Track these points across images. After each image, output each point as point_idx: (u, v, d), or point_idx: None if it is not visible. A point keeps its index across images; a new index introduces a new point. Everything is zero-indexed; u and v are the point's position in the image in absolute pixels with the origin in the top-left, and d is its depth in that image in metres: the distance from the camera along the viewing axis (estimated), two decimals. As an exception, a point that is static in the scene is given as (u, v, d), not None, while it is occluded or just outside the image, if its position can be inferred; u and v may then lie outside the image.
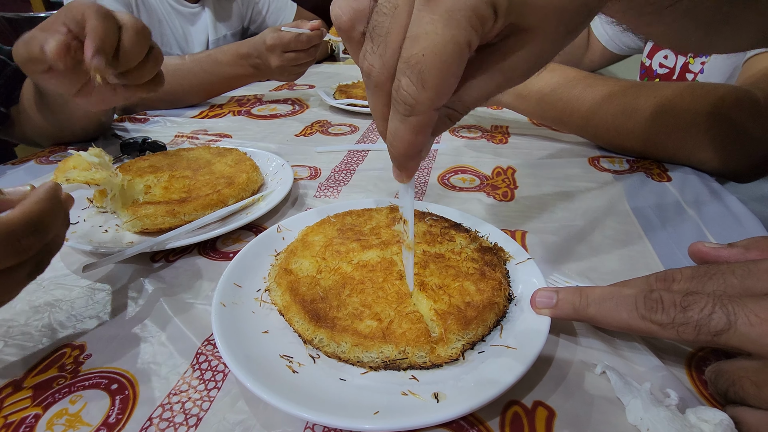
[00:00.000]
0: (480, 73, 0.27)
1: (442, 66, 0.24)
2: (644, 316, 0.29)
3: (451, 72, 0.24)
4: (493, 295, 0.35)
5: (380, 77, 0.26)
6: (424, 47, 0.23)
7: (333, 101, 0.95)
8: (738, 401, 0.27)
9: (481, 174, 0.65)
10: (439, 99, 0.25)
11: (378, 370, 0.32)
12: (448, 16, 0.22)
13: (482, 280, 0.37)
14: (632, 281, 0.35)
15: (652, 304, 0.29)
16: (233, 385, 0.32)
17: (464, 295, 0.35)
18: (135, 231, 0.50)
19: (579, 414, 0.30)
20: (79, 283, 0.44)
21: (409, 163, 0.30)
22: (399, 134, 0.27)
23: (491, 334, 0.34)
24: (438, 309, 0.33)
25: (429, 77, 0.24)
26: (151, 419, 0.30)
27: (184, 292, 0.42)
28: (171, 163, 0.60)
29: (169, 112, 0.98)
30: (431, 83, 0.24)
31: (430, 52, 0.23)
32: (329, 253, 0.40)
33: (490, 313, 0.34)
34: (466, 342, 0.33)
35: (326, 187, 0.62)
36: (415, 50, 0.23)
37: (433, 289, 0.35)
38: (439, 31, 0.23)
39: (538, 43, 0.26)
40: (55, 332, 0.38)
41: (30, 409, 0.31)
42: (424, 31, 0.23)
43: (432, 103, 0.25)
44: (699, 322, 0.27)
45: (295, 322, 0.35)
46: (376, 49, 0.25)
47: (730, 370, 0.28)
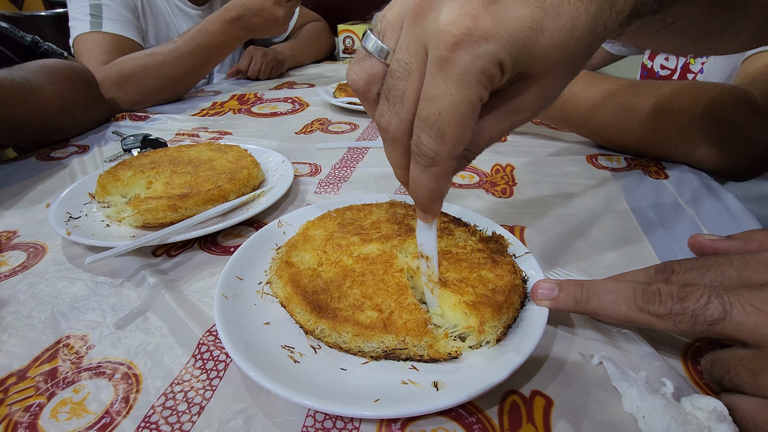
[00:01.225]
0: (492, 117, 0.29)
1: (458, 122, 0.26)
2: (642, 308, 0.29)
3: (466, 125, 0.27)
4: (513, 278, 0.36)
5: (397, 133, 0.29)
6: (441, 107, 0.26)
7: (333, 99, 0.95)
8: (733, 389, 0.28)
9: (480, 171, 0.65)
10: (457, 149, 0.28)
11: (379, 359, 0.32)
12: (461, 80, 0.25)
13: (496, 266, 0.37)
14: (632, 273, 0.36)
15: (650, 296, 0.29)
16: (235, 374, 0.33)
17: (486, 283, 0.35)
18: (137, 225, 0.50)
19: (576, 403, 0.30)
20: (81, 277, 0.44)
21: (433, 206, 0.32)
22: (422, 183, 0.30)
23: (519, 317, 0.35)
24: (468, 301, 0.33)
25: (448, 133, 0.27)
26: (154, 408, 0.30)
27: (186, 285, 0.43)
28: (172, 160, 0.60)
29: (170, 110, 0.99)
30: (450, 138, 0.27)
31: (447, 111, 0.26)
32: (330, 247, 0.40)
33: (515, 295, 0.35)
34: (503, 326, 0.33)
35: (326, 184, 0.62)
36: (432, 110, 0.26)
37: (455, 284, 0.35)
38: (453, 93, 0.25)
39: (544, 86, 0.28)
40: (58, 323, 0.38)
41: (34, 398, 0.31)
42: (440, 92, 0.25)
43: (451, 153, 0.28)
44: (695, 312, 0.27)
45: (296, 314, 0.35)
46: (393, 108, 0.28)
47: (726, 359, 0.28)
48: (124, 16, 1.07)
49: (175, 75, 1.00)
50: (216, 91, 1.15)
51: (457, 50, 0.25)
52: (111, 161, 0.72)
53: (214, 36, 0.99)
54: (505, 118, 0.30)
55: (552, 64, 0.27)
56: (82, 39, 1.04)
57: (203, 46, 1.00)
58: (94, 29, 1.03)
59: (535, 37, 0.25)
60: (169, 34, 1.23)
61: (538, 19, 0.25)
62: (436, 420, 0.29)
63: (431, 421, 0.29)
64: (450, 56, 0.25)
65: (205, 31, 0.99)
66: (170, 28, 1.23)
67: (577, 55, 0.27)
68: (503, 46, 0.25)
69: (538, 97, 0.29)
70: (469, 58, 0.25)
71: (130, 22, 1.09)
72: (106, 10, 1.04)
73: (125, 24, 1.07)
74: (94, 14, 1.03)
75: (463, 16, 0.24)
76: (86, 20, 1.03)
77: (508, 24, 0.24)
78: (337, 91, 1.01)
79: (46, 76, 0.75)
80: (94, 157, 0.75)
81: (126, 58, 0.99)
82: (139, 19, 1.13)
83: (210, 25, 0.99)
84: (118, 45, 1.03)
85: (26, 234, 0.52)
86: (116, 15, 1.06)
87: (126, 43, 1.06)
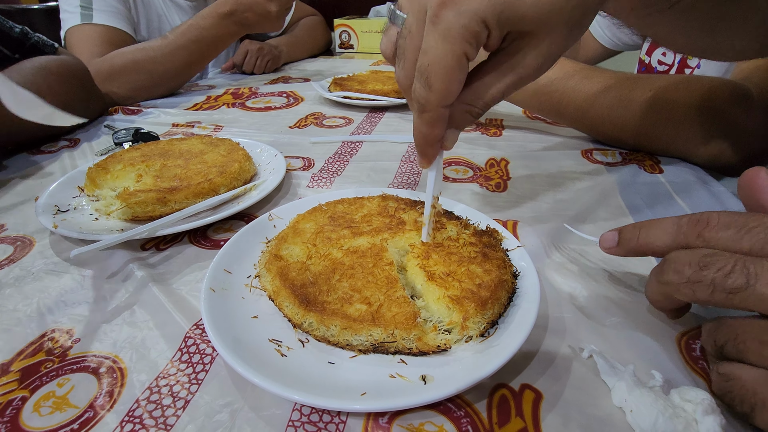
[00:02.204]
0: (493, 73, 0.33)
1: (443, 72, 0.30)
2: (661, 281, 0.29)
3: (451, 77, 0.31)
4: (501, 273, 0.35)
5: (404, 85, 0.34)
6: (429, 59, 0.30)
7: (328, 94, 0.95)
8: (733, 357, 0.26)
9: (474, 165, 0.65)
10: (445, 99, 0.32)
11: (367, 353, 0.32)
12: (445, 34, 0.29)
13: (486, 261, 0.37)
14: (663, 221, 0.32)
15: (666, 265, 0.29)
16: (221, 368, 0.32)
17: (473, 277, 0.35)
18: (126, 219, 0.49)
19: (566, 396, 0.30)
20: (68, 270, 0.43)
21: (427, 150, 0.37)
22: (417, 127, 0.35)
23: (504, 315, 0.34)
24: (452, 295, 0.33)
25: (434, 82, 0.31)
26: (139, 402, 0.30)
27: (174, 278, 0.42)
28: (163, 153, 0.60)
29: (163, 104, 0.98)
30: (436, 87, 0.31)
31: (434, 62, 0.30)
32: (320, 240, 0.40)
33: (501, 290, 0.34)
34: (486, 322, 0.33)
35: (319, 178, 0.62)
36: (423, 61, 0.30)
37: (442, 277, 0.35)
38: (439, 46, 0.29)
39: (541, 43, 0.31)
40: (43, 317, 0.37)
41: (17, 392, 0.31)
42: (429, 46, 0.30)
43: (438, 102, 0.32)
44: (714, 280, 0.26)
45: (284, 307, 0.35)
46: (400, 63, 0.33)
47: (735, 325, 0.27)
48: (114, 7, 1.06)
49: (167, 71, 0.99)
50: (210, 85, 1.15)
51: (444, 8, 0.29)
52: (102, 155, 0.71)
53: (206, 31, 0.97)
54: (505, 75, 0.32)
55: (544, 21, 0.29)
56: (73, 32, 1.02)
57: (195, 41, 0.98)
58: (85, 21, 1.01)
59: None
60: (161, 26, 1.21)
61: None
62: (424, 414, 0.29)
63: (419, 415, 0.29)
64: (438, 13, 0.29)
65: (198, 26, 0.97)
66: (162, 20, 1.22)
67: (569, 11, 0.29)
68: (485, 5, 0.28)
69: (538, 54, 0.31)
70: (453, 15, 0.29)
71: (121, 13, 1.07)
72: (96, 2, 1.03)
73: (116, 15, 1.05)
74: (84, 6, 1.02)
75: None
76: (77, 12, 1.01)
77: None
78: (332, 86, 1.00)
79: (43, 79, 0.74)
80: (85, 152, 0.74)
81: (117, 53, 0.97)
82: (130, 11, 1.11)
83: (202, 20, 0.97)
84: (110, 37, 1.02)
85: (13, 228, 0.51)
86: (107, 6, 1.04)
87: (117, 35, 1.04)
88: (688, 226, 0.29)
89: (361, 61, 1.45)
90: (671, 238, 0.30)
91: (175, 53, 0.97)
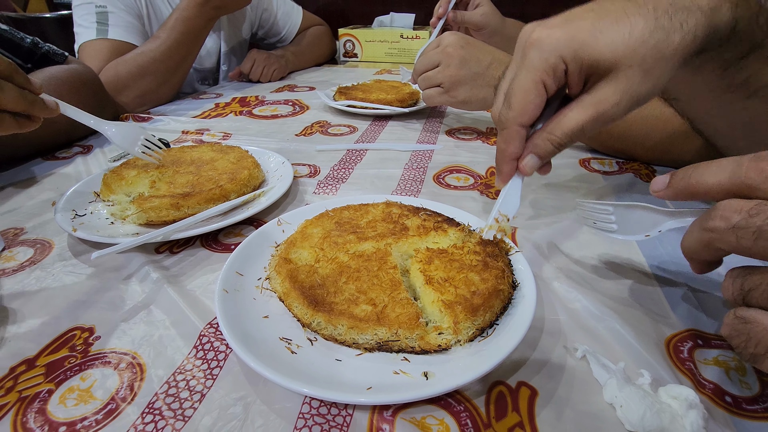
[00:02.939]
0: (574, 107, 0.37)
1: (521, 94, 0.38)
2: (705, 228, 0.29)
3: (527, 99, 0.37)
4: (497, 283, 0.37)
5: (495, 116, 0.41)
6: (513, 85, 0.38)
7: (333, 102, 0.97)
8: (758, 304, 0.26)
9: (475, 173, 0.67)
10: (521, 116, 0.38)
11: (372, 351, 0.34)
12: (528, 66, 0.37)
13: (485, 270, 0.38)
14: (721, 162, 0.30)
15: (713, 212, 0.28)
16: (234, 364, 0.34)
17: (469, 285, 0.36)
18: (140, 223, 0.51)
19: (559, 393, 0.32)
20: (87, 272, 0.46)
21: (502, 167, 0.42)
22: (497, 144, 0.41)
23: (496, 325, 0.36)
24: (445, 300, 0.35)
25: (513, 102, 0.38)
26: (158, 395, 0.32)
27: (187, 280, 0.44)
28: (175, 160, 0.62)
29: (172, 111, 1.01)
30: (514, 106, 0.38)
31: (516, 87, 0.38)
32: (327, 244, 0.42)
33: (495, 299, 0.36)
34: (476, 328, 0.34)
35: (325, 185, 0.64)
36: (509, 87, 0.39)
37: (439, 282, 0.37)
38: (522, 74, 0.37)
39: (617, 81, 0.35)
40: (65, 316, 0.39)
41: (43, 385, 0.33)
42: (515, 76, 0.38)
43: (515, 119, 0.39)
44: (761, 227, 0.26)
45: (294, 307, 0.37)
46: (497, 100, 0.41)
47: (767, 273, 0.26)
48: (129, 22, 1.09)
49: (169, 68, 1.03)
50: (218, 93, 1.17)
51: (530, 48, 0.37)
52: (115, 161, 0.73)
53: (191, 21, 1.03)
54: (586, 109, 0.37)
55: (618, 59, 0.34)
56: (87, 46, 1.06)
57: (185, 33, 1.04)
58: (100, 36, 1.05)
59: (594, 38, 0.35)
60: None
61: (597, 25, 0.35)
62: (426, 408, 0.31)
63: (421, 409, 0.31)
64: (526, 52, 0.37)
65: (183, 19, 1.03)
66: None
67: (642, 54, 0.34)
68: (564, 44, 0.35)
69: (615, 90, 0.35)
70: (536, 52, 0.36)
71: (136, 28, 1.11)
72: (112, 17, 1.06)
73: (130, 30, 1.09)
74: (100, 21, 1.05)
75: (541, 29, 0.37)
76: (92, 27, 1.05)
77: (570, 29, 0.35)
78: (336, 95, 1.02)
79: (55, 88, 0.77)
80: (98, 157, 0.76)
81: (119, 62, 1.01)
82: (144, 26, 1.15)
83: (185, 12, 1.03)
84: (123, 51, 1.05)
85: (32, 231, 0.53)
86: (122, 22, 1.08)
87: (130, 50, 1.07)
88: (749, 162, 0.28)
89: (364, 70, 1.48)
90: (728, 175, 0.28)
91: (172, 49, 1.02)
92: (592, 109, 0.36)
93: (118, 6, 1.08)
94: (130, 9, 1.11)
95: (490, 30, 0.92)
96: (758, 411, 0.31)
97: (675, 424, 0.27)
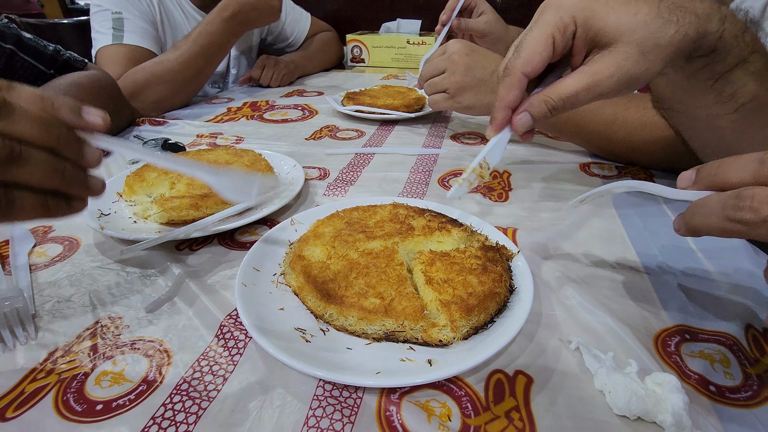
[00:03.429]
0: (572, 75, 0.40)
1: (531, 44, 0.40)
2: (731, 218, 0.28)
3: (535, 49, 0.40)
4: (494, 286, 0.39)
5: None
6: (526, 36, 0.41)
7: (341, 107, 1.00)
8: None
9: (478, 177, 0.69)
10: (526, 65, 0.40)
11: (380, 341, 0.36)
12: (541, 21, 0.40)
13: (484, 273, 0.40)
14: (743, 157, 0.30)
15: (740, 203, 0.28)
16: (253, 351, 0.37)
17: (467, 287, 0.39)
18: (162, 222, 0.55)
19: (554, 381, 0.34)
20: (113, 267, 0.49)
21: (497, 114, 0.43)
22: (498, 92, 0.42)
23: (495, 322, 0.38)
24: (442, 299, 0.37)
25: (522, 50, 0.41)
26: (184, 378, 0.35)
27: (207, 275, 0.47)
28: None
29: (186, 115, 1.04)
30: (522, 53, 0.41)
31: (527, 38, 0.41)
32: (338, 242, 0.45)
33: (491, 302, 0.38)
34: (470, 327, 0.37)
35: (334, 187, 0.67)
36: (520, 39, 0.42)
37: (439, 283, 0.39)
38: (534, 28, 0.41)
39: (614, 55, 0.39)
40: (95, 307, 0.43)
41: (79, 369, 0.36)
42: (529, 29, 0.41)
43: (520, 66, 0.41)
44: None
45: (308, 300, 0.40)
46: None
47: None
48: (143, 28, 1.14)
49: (185, 78, 1.07)
50: (229, 97, 1.21)
51: (547, 8, 0.41)
52: (134, 163, 0.77)
53: (214, 36, 1.06)
54: (582, 77, 0.39)
55: (619, 35, 0.38)
56: (104, 51, 1.11)
57: (206, 46, 1.07)
58: (116, 42, 1.09)
59: (605, 11, 0.39)
60: None
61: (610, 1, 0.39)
62: (430, 393, 0.33)
63: (425, 394, 0.33)
64: (542, 12, 0.41)
65: (206, 33, 1.06)
66: None
67: (642, 35, 0.38)
68: (578, 8, 0.39)
69: (610, 63, 0.39)
70: (553, 10, 0.40)
71: (150, 34, 1.15)
72: (128, 24, 1.11)
73: (145, 36, 1.14)
74: (116, 27, 1.10)
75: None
76: (108, 33, 1.10)
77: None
78: (345, 100, 1.05)
79: (76, 93, 0.81)
80: (117, 159, 0.80)
81: (137, 69, 1.05)
82: (158, 31, 1.20)
83: (209, 26, 1.06)
84: (138, 56, 1.10)
85: (61, 229, 0.57)
86: (137, 28, 1.12)
87: (145, 54, 1.12)
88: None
89: (371, 75, 1.51)
90: (751, 174, 0.28)
91: (190, 61, 1.06)
92: (588, 78, 0.39)
93: (133, 12, 1.13)
94: (145, 15, 1.15)
95: (493, 37, 0.95)
96: (740, 399, 0.33)
97: (658, 407, 0.30)
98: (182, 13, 1.27)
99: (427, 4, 1.82)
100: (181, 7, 1.25)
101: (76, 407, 0.32)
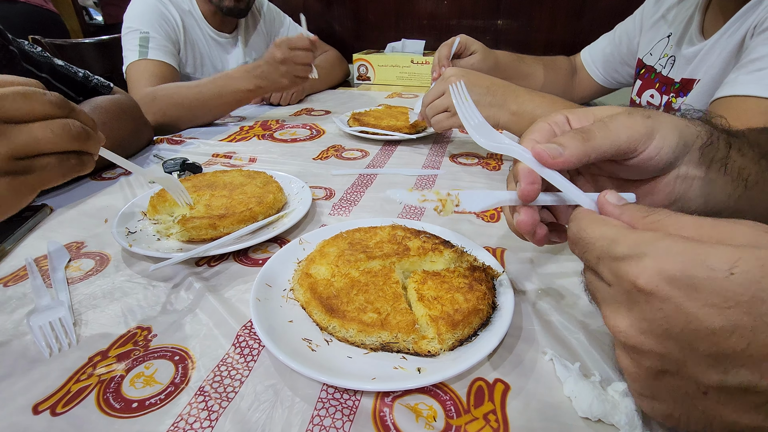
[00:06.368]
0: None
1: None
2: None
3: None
4: (478, 303, 0.44)
5: None
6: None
7: (347, 128, 1.06)
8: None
9: (473, 198, 0.75)
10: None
11: (376, 351, 0.42)
12: None
13: (470, 292, 0.45)
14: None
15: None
16: (265, 359, 0.42)
17: (454, 304, 0.44)
18: (183, 240, 0.61)
19: (528, 388, 0.39)
20: (140, 281, 0.54)
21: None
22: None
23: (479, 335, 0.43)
24: (431, 315, 0.42)
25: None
26: (206, 381, 0.40)
27: (224, 289, 0.53)
28: (210, 184, 0.71)
29: (201, 135, 1.11)
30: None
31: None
32: (341, 262, 0.50)
33: (475, 317, 0.43)
34: (455, 340, 0.42)
35: (339, 207, 0.72)
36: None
37: (429, 300, 0.44)
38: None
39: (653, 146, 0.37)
40: (127, 317, 0.48)
41: (116, 372, 0.41)
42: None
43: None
44: None
45: (313, 314, 0.45)
46: None
47: None
48: (166, 46, 1.30)
49: (195, 116, 1.18)
50: (241, 116, 1.28)
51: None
52: (153, 182, 0.83)
53: (233, 81, 1.15)
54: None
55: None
56: (132, 66, 1.26)
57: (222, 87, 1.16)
58: (142, 57, 1.25)
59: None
60: (204, 62, 1.46)
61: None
62: (419, 397, 0.38)
63: (415, 398, 0.38)
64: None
65: (227, 75, 1.16)
66: (204, 57, 1.46)
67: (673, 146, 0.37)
68: None
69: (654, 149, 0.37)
70: None
71: (171, 52, 1.31)
72: (153, 41, 1.27)
73: (167, 53, 1.29)
74: (142, 45, 1.26)
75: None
76: (136, 50, 1.26)
77: None
78: (350, 120, 1.12)
79: (98, 117, 0.87)
80: (138, 178, 0.86)
81: (160, 87, 1.18)
82: (179, 51, 1.37)
83: (232, 71, 1.17)
84: (161, 70, 1.26)
85: (91, 245, 0.63)
86: (160, 45, 1.28)
87: (166, 69, 1.28)
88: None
89: (377, 93, 1.58)
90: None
91: (204, 94, 1.16)
92: None
93: (158, 32, 1.28)
94: (168, 36, 1.31)
95: (485, 72, 1.02)
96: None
97: (615, 409, 0.35)
98: (202, 37, 1.43)
99: (431, 25, 1.90)
100: (200, 29, 1.42)
101: (115, 405, 0.38)
